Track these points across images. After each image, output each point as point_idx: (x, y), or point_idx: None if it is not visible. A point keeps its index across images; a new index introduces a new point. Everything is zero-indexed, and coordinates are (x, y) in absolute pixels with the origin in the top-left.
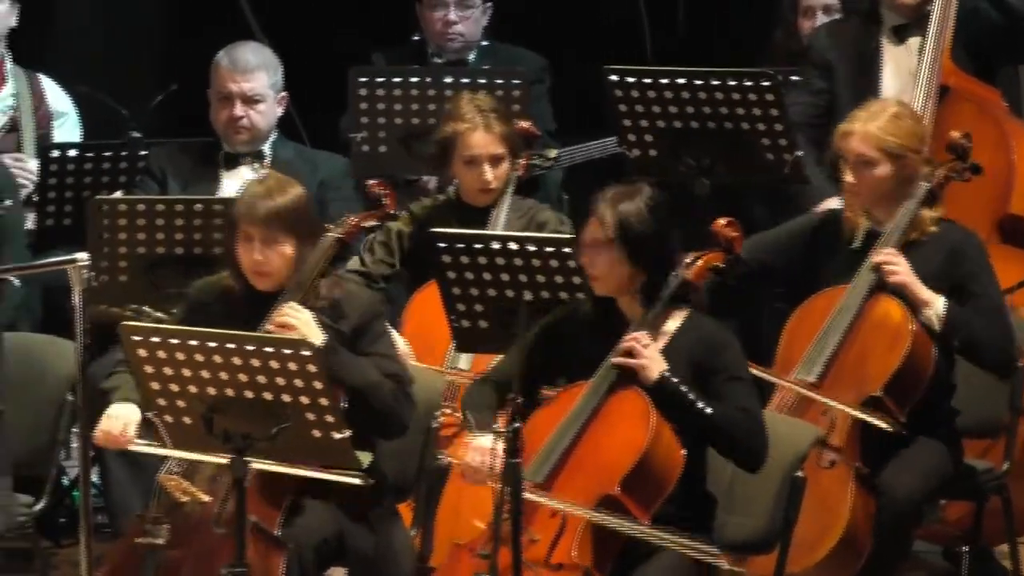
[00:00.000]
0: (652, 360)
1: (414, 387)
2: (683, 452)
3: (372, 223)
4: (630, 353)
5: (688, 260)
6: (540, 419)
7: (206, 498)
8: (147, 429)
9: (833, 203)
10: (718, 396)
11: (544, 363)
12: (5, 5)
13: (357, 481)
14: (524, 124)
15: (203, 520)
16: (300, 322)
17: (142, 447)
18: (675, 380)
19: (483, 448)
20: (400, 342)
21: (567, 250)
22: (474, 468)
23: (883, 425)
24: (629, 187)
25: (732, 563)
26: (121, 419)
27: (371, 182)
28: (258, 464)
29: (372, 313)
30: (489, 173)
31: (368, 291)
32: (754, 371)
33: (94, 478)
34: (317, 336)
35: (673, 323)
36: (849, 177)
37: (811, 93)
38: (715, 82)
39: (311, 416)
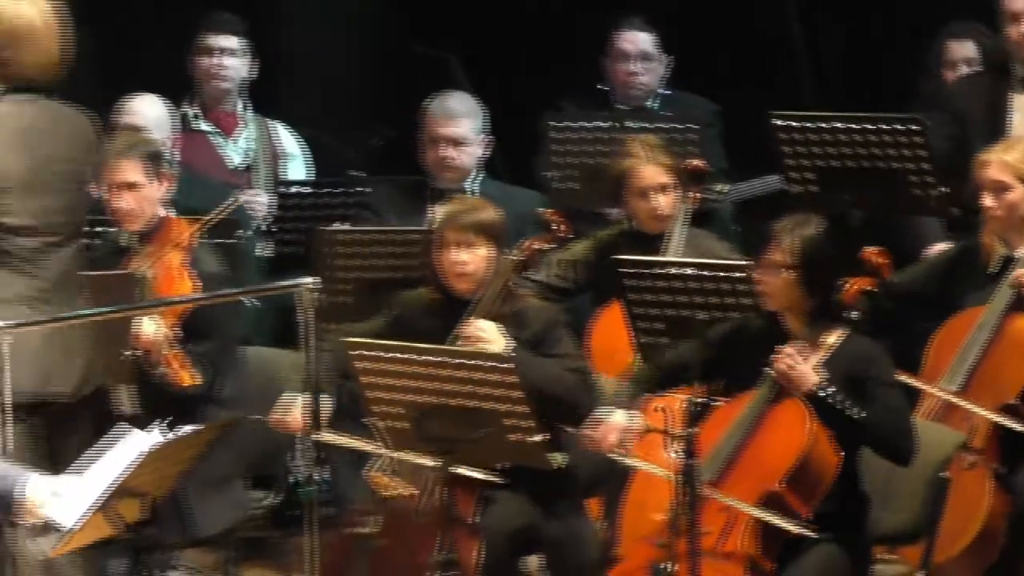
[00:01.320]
0: (805, 374)
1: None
2: (840, 455)
3: (547, 246)
4: (785, 367)
5: (843, 284)
6: (710, 424)
7: (412, 492)
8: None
9: (941, 247)
10: (871, 400)
11: (714, 363)
12: (246, 59)
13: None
14: (697, 162)
15: (408, 512)
16: (487, 333)
17: (331, 438)
18: (829, 391)
19: (610, 421)
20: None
21: (737, 275)
22: (591, 438)
23: (1020, 428)
24: (804, 217)
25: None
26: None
27: (547, 211)
28: (462, 470)
29: (551, 322)
30: (658, 201)
31: (547, 304)
32: (904, 379)
33: (323, 476)
34: (501, 343)
35: (832, 339)
36: (988, 201)
37: (944, 138)
38: (868, 125)
39: (509, 422)
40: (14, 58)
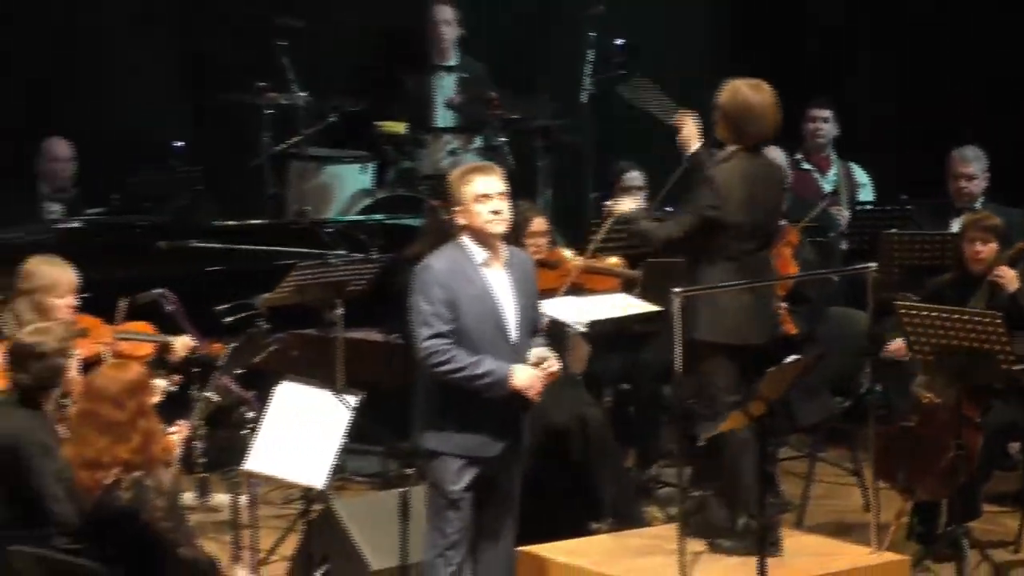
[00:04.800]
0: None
1: None
2: None
3: None
4: None
5: None
6: None
7: (937, 400)
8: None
9: None
10: None
11: None
12: (834, 124)
13: None
14: None
15: (935, 413)
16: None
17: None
18: None
19: None
20: None
21: None
22: None
23: None
24: None
25: None
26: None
27: None
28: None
29: None
30: None
31: None
32: None
33: (879, 388)
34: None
35: None
36: None
37: None
38: None
39: (1001, 357)
40: (744, 128)
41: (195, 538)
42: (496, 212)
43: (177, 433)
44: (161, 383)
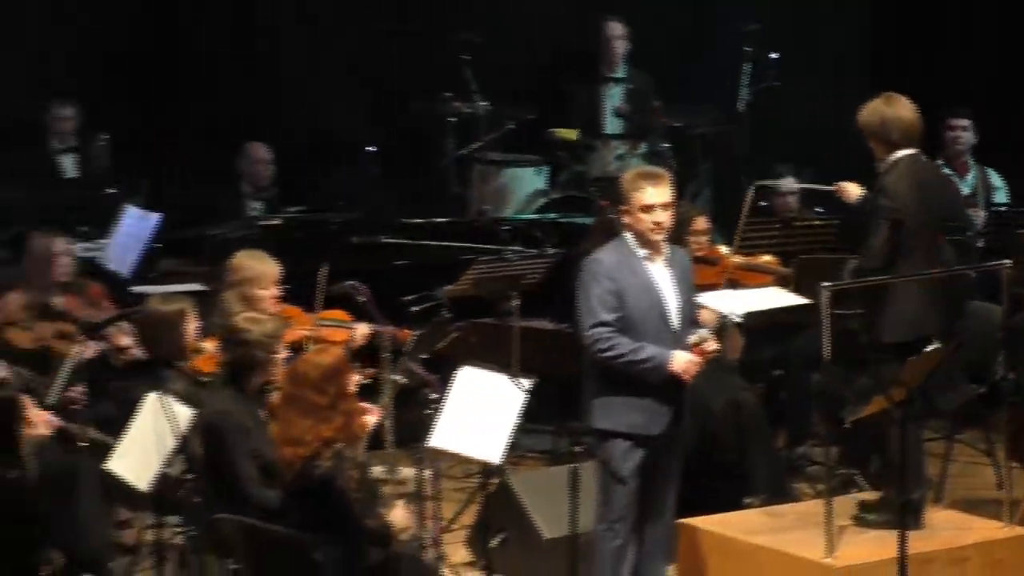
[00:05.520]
0: None
1: None
2: None
3: None
4: None
5: None
6: None
7: None
8: None
9: None
10: None
11: None
12: (973, 132)
13: None
14: None
15: None
16: None
17: None
18: None
19: None
20: None
21: None
22: None
23: None
24: None
25: None
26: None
27: None
28: None
29: None
30: None
31: None
32: None
33: (1012, 376)
34: None
35: None
36: None
37: None
38: None
39: None
40: (889, 138)
41: (381, 508)
42: (657, 223)
43: (371, 414)
44: (355, 377)
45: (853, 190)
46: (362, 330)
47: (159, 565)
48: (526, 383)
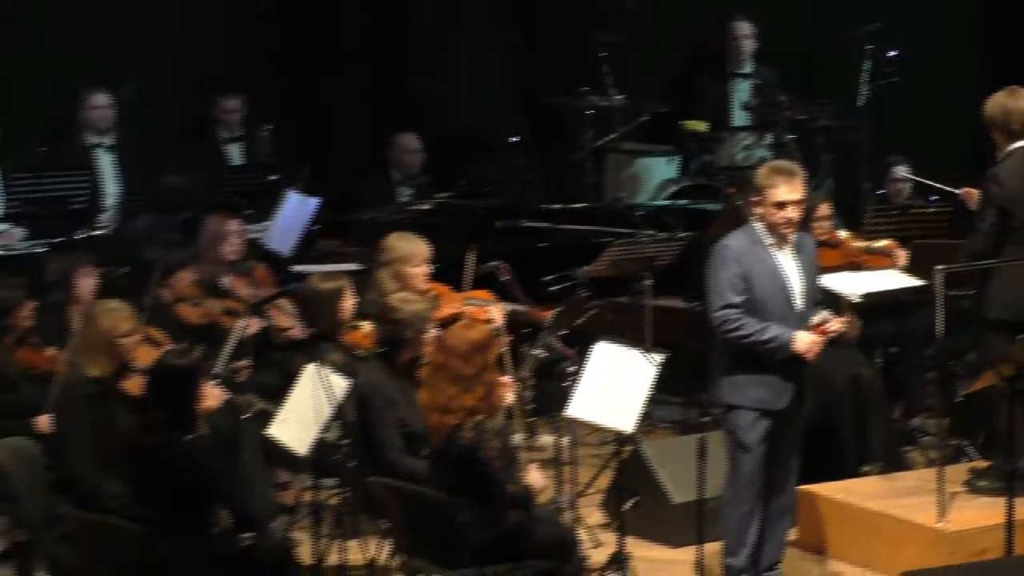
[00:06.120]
0: None
1: None
2: None
3: None
4: None
5: None
6: None
7: None
8: None
9: None
10: None
11: None
12: None
13: None
14: None
15: None
16: None
17: None
18: None
19: None
20: None
21: None
22: None
23: None
24: None
25: None
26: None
27: None
28: None
29: None
30: None
31: None
32: None
33: None
34: None
35: None
36: None
37: None
38: None
39: None
40: (1010, 128)
41: (520, 474)
42: (789, 219)
43: (509, 386)
44: (498, 351)
45: (976, 195)
46: (498, 309)
47: (316, 524)
48: (657, 358)
